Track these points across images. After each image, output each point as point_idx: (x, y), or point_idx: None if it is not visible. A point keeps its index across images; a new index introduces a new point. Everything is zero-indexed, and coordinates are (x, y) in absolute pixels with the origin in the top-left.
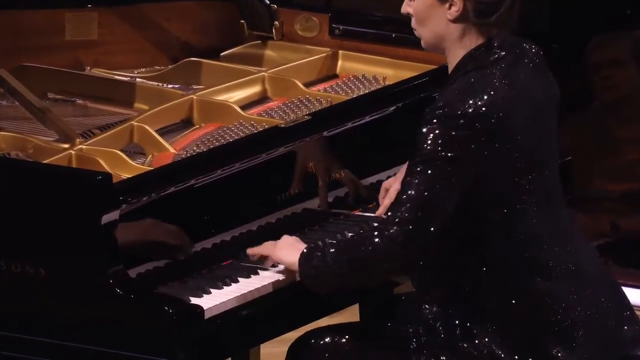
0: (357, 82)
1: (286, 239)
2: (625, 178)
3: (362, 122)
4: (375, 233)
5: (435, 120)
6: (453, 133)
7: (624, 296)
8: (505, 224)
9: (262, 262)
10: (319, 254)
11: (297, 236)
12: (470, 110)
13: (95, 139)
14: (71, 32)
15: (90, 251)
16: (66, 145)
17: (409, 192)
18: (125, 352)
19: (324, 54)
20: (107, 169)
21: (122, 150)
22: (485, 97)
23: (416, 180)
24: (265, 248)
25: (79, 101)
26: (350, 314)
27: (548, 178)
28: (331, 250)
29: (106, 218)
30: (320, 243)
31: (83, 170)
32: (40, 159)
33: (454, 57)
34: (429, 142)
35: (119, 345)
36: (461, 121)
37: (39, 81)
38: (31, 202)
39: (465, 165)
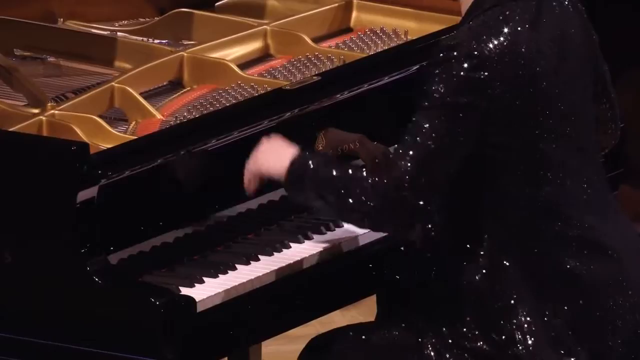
0: (374, 37)
1: (267, 145)
2: None
3: (380, 84)
4: (369, 179)
5: (446, 62)
6: (467, 76)
7: None
8: (522, 192)
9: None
10: (312, 166)
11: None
12: (487, 50)
13: (69, 103)
14: None
15: (63, 234)
16: (36, 111)
17: (414, 141)
18: (105, 351)
19: (336, 4)
20: (84, 137)
21: (100, 116)
22: (506, 36)
23: (423, 130)
24: (249, 172)
25: (51, 59)
26: (365, 307)
27: (580, 140)
28: (324, 172)
29: (82, 195)
30: (310, 155)
31: (55, 140)
32: (6, 126)
33: None
34: (440, 86)
35: (98, 343)
36: (476, 62)
37: (4, 35)
38: None
39: (481, 113)
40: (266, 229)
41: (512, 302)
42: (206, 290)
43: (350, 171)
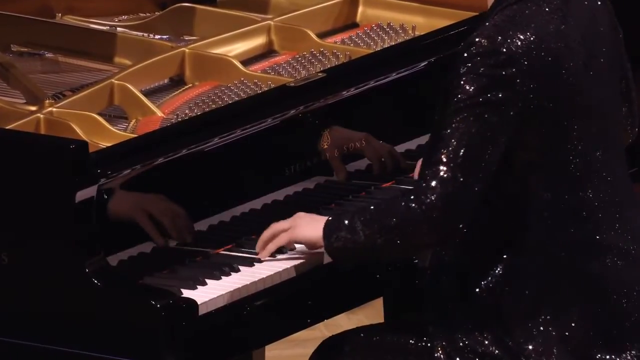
0: (381, 33)
1: (301, 215)
2: None
3: (387, 80)
4: (411, 197)
5: (472, 59)
6: (494, 73)
7: None
8: (549, 191)
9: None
10: (347, 222)
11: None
12: (513, 47)
13: (67, 100)
14: None
15: (62, 235)
16: (33, 108)
17: (445, 148)
18: (104, 355)
19: None
20: (82, 136)
21: (100, 114)
22: (532, 31)
23: (453, 133)
24: (279, 237)
25: (49, 55)
26: (372, 310)
27: (608, 137)
28: (360, 218)
29: (81, 195)
30: (345, 213)
31: (53, 138)
32: (2, 124)
33: None
34: (466, 85)
35: (96, 347)
36: (503, 58)
37: (0, 31)
38: None
39: (510, 112)
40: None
41: (532, 307)
42: (208, 293)
43: (383, 202)
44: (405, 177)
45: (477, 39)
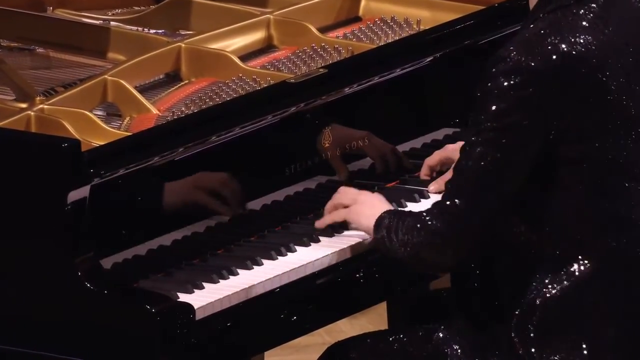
0: (384, 27)
1: (363, 199)
2: None
3: (391, 77)
4: (434, 212)
5: (497, 77)
6: (518, 93)
7: None
8: (589, 204)
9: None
10: (389, 223)
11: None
12: (548, 61)
13: (59, 97)
14: None
15: (53, 236)
16: (24, 105)
17: (461, 170)
18: None
19: None
20: (75, 134)
21: (92, 112)
22: (566, 46)
23: (477, 150)
24: (338, 212)
25: (40, 50)
26: (375, 315)
27: None
28: (399, 224)
29: (73, 195)
30: (396, 213)
31: (44, 137)
32: None
33: None
34: (490, 104)
35: (89, 353)
36: (531, 76)
37: None
38: None
39: (541, 132)
40: (270, 231)
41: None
42: (206, 297)
43: (412, 213)
44: (410, 177)
45: (507, 52)
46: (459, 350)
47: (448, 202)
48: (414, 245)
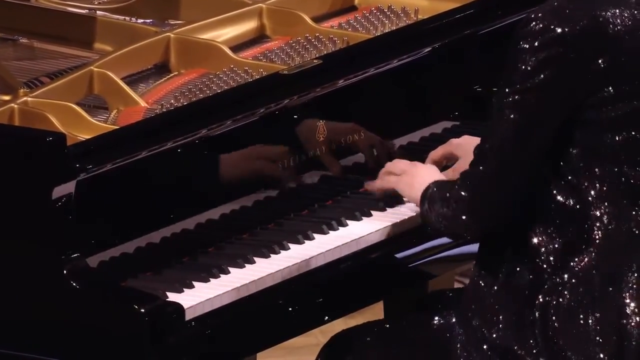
0: (381, 16)
1: (415, 172)
2: None
3: (387, 68)
4: (464, 184)
5: (530, 36)
6: (554, 49)
7: None
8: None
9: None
10: (433, 194)
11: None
12: (578, 24)
13: (44, 89)
14: None
15: (38, 234)
16: (6, 97)
17: (490, 137)
18: None
19: None
20: (60, 127)
21: (78, 104)
22: (601, 8)
23: (505, 113)
24: (388, 180)
25: (23, 40)
26: (372, 315)
27: None
28: (438, 193)
29: (58, 191)
30: (445, 185)
31: (29, 130)
32: None
33: None
34: (523, 63)
35: (75, 355)
36: (565, 37)
37: None
38: None
39: (569, 92)
40: (263, 228)
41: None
42: (196, 296)
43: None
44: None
45: (536, 15)
46: (463, 338)
47: (472, 169)
48: (445, 217)
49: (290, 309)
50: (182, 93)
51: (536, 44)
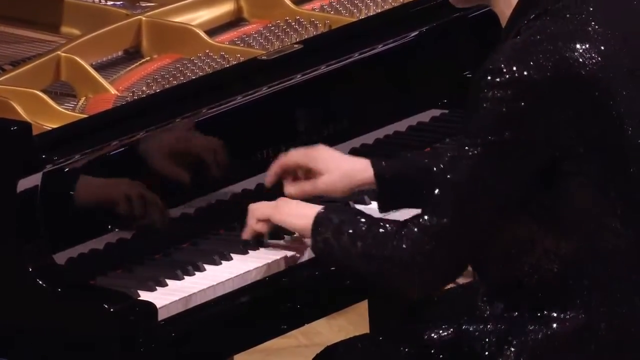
0: None
1: (288, 201)
2: None
3: (372, 53)
4: (403, 232)
5: (487, 90)
6: (510, 107)
7: None
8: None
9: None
10: (336, 224)
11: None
12: (534, 75)
13: (7, 76)
14: None
15: (2, 228)
16: None
17: (451, 182)
18: None
19: None
20: (25, 116)
21: (44, 91)
22: (557, 54)
23: (468, 165)
24: (263, 210)
25: None
26: (355, 315)
27: None
28: (349, 230)
29: (23, 184)
30: (336, 214)
31: None
32: None
33: (506, 3)
34: (481, 119)
35: (42, 357)
36: (522, 89)
37: None
38: None
39: (537, 148)
40: (240, 223)
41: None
42: (169, 295)
43: (381, 223)
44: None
45: (494, 65)
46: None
47: (433, 221)
48: (382, 260)
49: (268, 308)
50: (155, 80)
51: (500, 94)
